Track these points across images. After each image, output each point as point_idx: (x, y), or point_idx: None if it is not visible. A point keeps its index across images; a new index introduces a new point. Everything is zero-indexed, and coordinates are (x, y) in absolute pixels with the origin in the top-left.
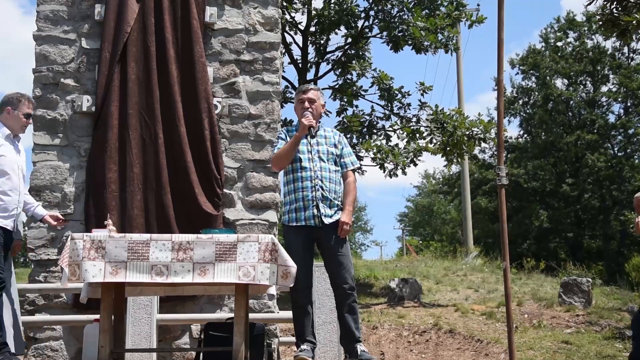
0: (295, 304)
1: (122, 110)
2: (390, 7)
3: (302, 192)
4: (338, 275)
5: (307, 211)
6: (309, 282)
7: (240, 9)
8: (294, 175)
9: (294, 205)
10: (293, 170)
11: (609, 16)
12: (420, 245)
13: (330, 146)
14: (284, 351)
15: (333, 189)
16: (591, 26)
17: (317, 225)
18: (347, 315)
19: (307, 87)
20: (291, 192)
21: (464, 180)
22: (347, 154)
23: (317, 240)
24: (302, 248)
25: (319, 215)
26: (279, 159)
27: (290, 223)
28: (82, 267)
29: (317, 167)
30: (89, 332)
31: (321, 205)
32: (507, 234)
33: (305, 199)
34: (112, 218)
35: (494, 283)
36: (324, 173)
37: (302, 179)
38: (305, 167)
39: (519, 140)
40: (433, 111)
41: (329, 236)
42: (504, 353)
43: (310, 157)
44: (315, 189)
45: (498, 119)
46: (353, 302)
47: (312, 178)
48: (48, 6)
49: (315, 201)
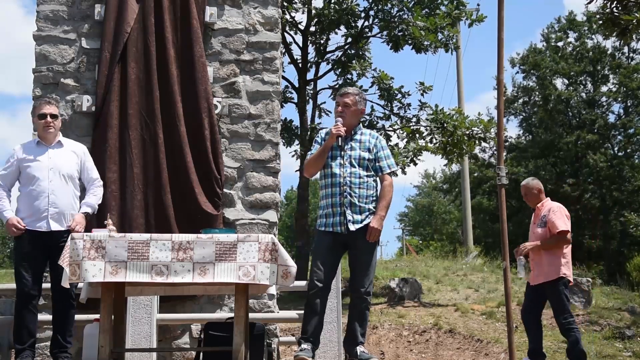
0: (307, 303)
1: (122, 110)
2: (390, 7)
3: (332, 198)
4: (356, 279)
5: (334, 217)
6: (326, 283)
7: (240, 9)
8: (325, 181)
9: (324, 210)
10: (325, 176)
11: (609, 15)
12: (420, 245)
13: (363, 151)
14: (284, 351)
15: (364, 195)
16: (591, 26)
17: (342, 232)
18: (357, 320)
19: (346, 90)
20: (323, 198)
21: (464, 179)
22: (384, 157)
23: (345, 245)
24: (327, 248)
25: (345, 222)
26: (308, 167)
27: (320, 228)
28: (82, 266)
29: (347, 172)
30: (89, 332)
31: (348, 212)
32: (507, 234)
33: (333, 205)
34: (112, 218)
35: (494, 283)
36: (353, 179)
37: (332, 185)
38: (335, 173)
39: (519, 140)
40: (433, 111)
41: (356, 241)
42: (504, 353)
43: (341, 163)
44: (343, 196)
45: (498, 118)
46: (365, 308)
47: (341, 184)
48: (48, 6)
49: (343, 208)
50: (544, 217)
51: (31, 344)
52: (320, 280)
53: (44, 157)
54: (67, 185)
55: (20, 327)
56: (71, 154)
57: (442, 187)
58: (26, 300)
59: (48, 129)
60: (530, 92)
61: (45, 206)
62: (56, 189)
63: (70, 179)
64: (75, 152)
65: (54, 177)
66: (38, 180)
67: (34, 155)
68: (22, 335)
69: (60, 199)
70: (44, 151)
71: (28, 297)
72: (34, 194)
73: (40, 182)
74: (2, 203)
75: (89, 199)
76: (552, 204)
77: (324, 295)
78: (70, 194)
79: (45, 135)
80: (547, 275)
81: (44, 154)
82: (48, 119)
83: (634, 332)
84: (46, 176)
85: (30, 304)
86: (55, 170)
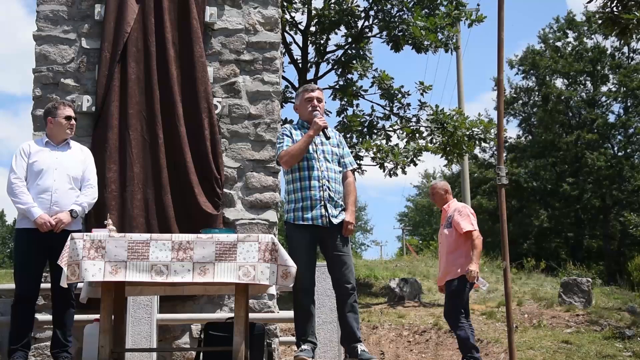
0: (298, 304)
1: (122, 110)
2: (390, 7)
3: (310, 191)
4: (342, 275)
5: (314, 211)
6: (313, 282)
7: (240, 9)
8: (300, 174)
9: (300, 204)
10: (299, 169)
11: (609, 14)
12: (420, 245)
13: (333, 146)
14: (284, 351)
15: (338, 190)
16: (591, 26)
17: (324, 225)
18: (350, 315)
19: (314, 86)
20: (297, 191)
21: (464, 179)
22: (347, 154)
23: (321, 240)
24: (307, 247)
25: (327, 216)
26: (292, 158)
27: (296, 222)
28: (82, 266)
29: (324, 167)
30: (89, 332)
31: (329, 206)
32: (507, 234)
33: (312, 198)
34: (112, 218)
35: (494, 283)
36: (330, 173)
37: (310, 178)
38: (312, 166)
39: (519, 140)
40: (433, 111)
41: (334, 236)
42: (504, 353)
43: (316, 157)
44: (323, 189)
45: (498, 119)
46: (354, 302)
47: (320, 178)
48: (48, 6)
49: (323, 201)
50: (450, 217)
51: (25, 344)
52: (306, 279)
53: (51, 156)
54: (71, 186)
55: (15, 327)
56: (78, 156)
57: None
58: (23, 300)
59: (71, 131)
60: (529, 92)
61: (47, 204)
62: (60, 188)
63: (75, 181)
64: (81, 154)
65: (59, 176)
66: (43, 178)
67: (41, 154)
68: (15, 335)
69: (63, 198)
70: (52, 150)
71: (26, 297)
72: (37, 192)
73: (45, 180)
74: (27, 199)
75: (79, 197)
76: (457, 204)
77: (312, 295)
78: (73, 194)
79: (64, 135)
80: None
81: (51, 153)
82: (72, 121)
83: (634, 332)
84: (51, 175)
85: (28, 304)
86: (60, 170)
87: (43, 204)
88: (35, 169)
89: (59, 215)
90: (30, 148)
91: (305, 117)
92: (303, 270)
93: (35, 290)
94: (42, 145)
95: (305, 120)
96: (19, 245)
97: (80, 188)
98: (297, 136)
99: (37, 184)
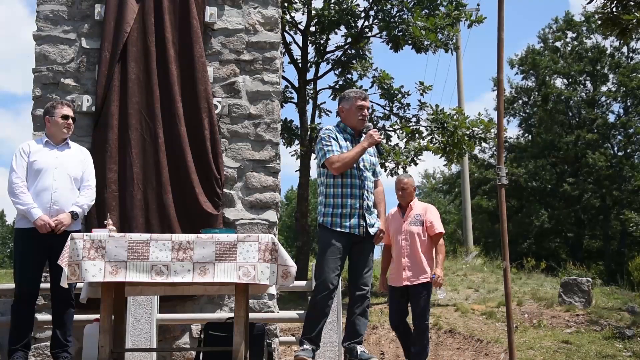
0: (317, 303)
1: (122, 110)
2: (390, 7)
3: (350, 199)
4: (363, 278)
5: (352, 219)
6: (337, 285)
7: (240, 9)
8: (343, 180)
9: (339, 210)
10: (342, 175)
11: (609, 15)
12: None
13: (371, 156)
14: (284, 351)
15: (373, 199)
16: (590, 26)
17: (361, 234)
18: (360, 318)
19: (366, 94)
20: (337, 196)
21: (464, 179)
22: (377, 163)
23: (352, 246)
24: (340, 252)
25: (365, 226)
26: (344, 166)
27: (334, 227)
28: (82, 266)
29: (364, 176)
30: (89, 332)
31: (367, 216)
32: (507, 234)
33: (352, 207)
34: (112, 218)
35: (494, 283)
36: (369, 183)
37: (352, 186)
38: (355, 174)
39: (519, 140)
40: (433, 111)
41: (366, 243)
42: (504, 353)
43: (357, 166)
44: (363, 199)
45: (498, 119)
46: (367, 307)
47: (360, 187)
48: (48, 6)
49: (362, 211)
50: (418, 215)
51: (25, 345)
52: (332, 282)
53: (51, 156)
54: (70, 186)
55: (15, 327)
56: (77, 156)
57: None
58: (23, 300)
59: (68, 130)
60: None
61: (47, 204)
62: (60, 188)
63: (74, 181)
64: (81, 155)
65: (59, 176)
66: (43, 178)
67: (41, 153)
68: (15, 335)
69: (63, 198)
70: (52, 150)
71: (26, 297)
72: (37, 191)
73: (44, 179)
74: (28, 199)
75: (78, 199)
76: (425, 204)
77: (334, 297)
78: (73, 194)
79: (61, 134)
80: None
81: (51, 152)
82: (69, 120)
83: (634, 332)
84: (51, 175)
85: (28, 304)
86: (60, 170)
87: (43, 203)
88: (35, 169)
89: (60, 216)
90: (30, 147)
91: (352, 124)
92: (332, 273)
93: (35, 290)
94: (41, 144)
95: (351, 126)
96: (19, 245)
97: (79, 188)
98: (341, 140)
99: (37, 184)
